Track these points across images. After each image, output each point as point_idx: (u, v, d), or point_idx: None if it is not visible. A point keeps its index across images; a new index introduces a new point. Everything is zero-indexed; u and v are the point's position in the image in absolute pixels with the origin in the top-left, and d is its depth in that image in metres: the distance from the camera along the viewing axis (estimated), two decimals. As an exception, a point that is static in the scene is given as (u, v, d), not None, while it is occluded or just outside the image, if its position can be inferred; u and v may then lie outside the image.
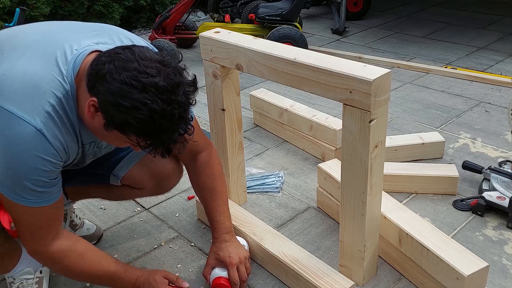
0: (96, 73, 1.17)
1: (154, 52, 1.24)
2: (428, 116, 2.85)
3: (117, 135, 1.21)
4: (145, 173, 1.68)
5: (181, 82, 1.19)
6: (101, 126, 1.20)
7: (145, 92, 1.13)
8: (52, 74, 1.22)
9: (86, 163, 1.50)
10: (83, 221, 1.94)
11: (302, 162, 2.44)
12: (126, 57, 1.16)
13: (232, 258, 1.61)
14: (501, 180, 2.04)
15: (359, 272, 1.65)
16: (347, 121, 1.43)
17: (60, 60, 1.25)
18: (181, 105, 1.18)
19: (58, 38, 1.30)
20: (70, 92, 1.24)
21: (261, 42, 1.66)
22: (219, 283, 1.60)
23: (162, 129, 1.17)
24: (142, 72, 1.14)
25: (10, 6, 3.78)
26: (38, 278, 1.64)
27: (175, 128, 1.20)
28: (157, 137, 1.19)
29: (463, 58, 3.75)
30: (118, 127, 1.18)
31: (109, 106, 1.15)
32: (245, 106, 2.75)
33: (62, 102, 1.23)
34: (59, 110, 1.23)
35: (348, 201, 1.55)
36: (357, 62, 1.43)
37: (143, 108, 1.13)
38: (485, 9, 4.96)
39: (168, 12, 3.79)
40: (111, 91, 1.13)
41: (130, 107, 1.13)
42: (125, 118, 1.14)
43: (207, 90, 1.89)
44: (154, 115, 1.14)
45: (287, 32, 3.60)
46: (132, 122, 1.14)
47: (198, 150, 1.67)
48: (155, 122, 1.15)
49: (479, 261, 1.50)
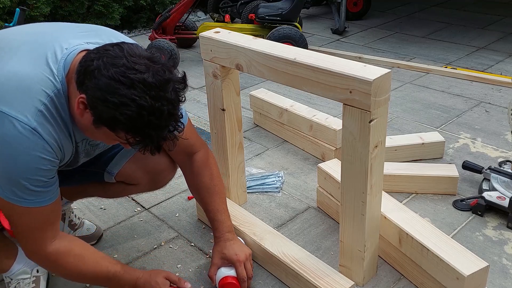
0: (85, 69, 1.17)
1: (143, 49, 1.23)
2: (428, 116, 2.85)
3: (106, 132, 1.21)
4: (139, 169, 1.68)
5: (170, 78, 1.18)
6: (90, 123, 1.20)
7: (133, 88, 1.12)
8: (43, 74, 1.23)
9: (79, 162, 1.50)
10: (82, 221, 1.94)
11: (302, 162, 2.44)
12: (114, 54, 1.16)
13: (239, 255, 1.61)
14: (501, 180, 2.04)
15: (359, 272, 1.65)
16: (347, 121, 1.43)
17: (51, 60, 1.25)
18: (170, 101, 1.17)
19: (48, 39, 1.30)
20: (61, 90, 1.24)
21: (261, 42, 1.66)
22: (228, 282, 1.60)
23: (151, 126, 1.16)
24: (131, 68, 1.14)
25: (10, 6, 3.78)
26: (35, 277, 1.64)
27: (164, 125, 1.19)
28: (146, 133, 1.18)
29: (463, 58, 3.75)
30: (107, 123, 1.17)
31: (97, 102, 1.14)
32: (245, 106, 2.75)
33: (54, 100, 1.23)
34: (51, 108, 1.23)
35: (348, 201, 1.55)
36: (357, 62, 1.43)
37: (131, 104, 1.12)
38: (485, 9, 4.96)
39: (168, 12, 3.79)
40: (99, 87, 1.13)
41: (118, 103, 1.12)
42: (113, 114, 1.13)
43: (207, 90, 1.89)
44: (142, 111, 1.13)
45: (287, 32, 3.60)
46: (120, 119, 1.13)
47: (194, 151, 1.67)
48: (144, 119, 1.14)
49: (479, 261, 1.49)
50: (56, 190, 1.33)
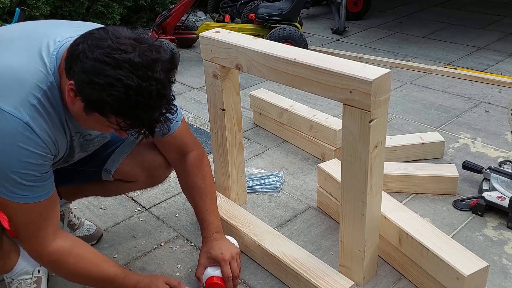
0: (71, 55, 1.16)
1: (130, 30, 1.21)
2: (428, 116, 2.85)
3: (98, 118, 1.19)
4: (136, 166, 1.67)
5: (158, 58, 1.16)
6: (81, 110, 1.19)
7: (119, 68, 1.11)
8: (36, 67, 1.22)
9: (75, 157, 1.48)
10: (82, 221, 1.94)
11: (302, 162, 2.44)
12: (99, 36, 1.15)
13: (224, 254, 1.60)
14: (501, 180, 2.04)
15: (359, 272, 1.65)
16: (347, 121, 1.43)
17: (44, 53, 1.25)
18: (159, 81, 1.15)
19: (41, 33, 1.30)
20: (54, 83, 1.23)
21: (261, 42, 1.66)
22: (213, 282, 1.60)
23: (140, 107, 1.14)
24: (116, 49, 1.12)
25: (10, 6, 3.78)
26: (36, 277, 1.63)
27: (154, 106, 1.17)
28: (136, 115, 1.16)
29: (463, 58, 3.75)
30: (96, 107, 1.16)
31: (84, 85, 1.13)
32: (245, 106, 2.75)
33: (47, 94, 1.23)
34: (45, 102, 1.22)
35: (348, 201, 1.55)
36: (357, 62, 1.43)
37: (118, 84, 1.10)
38: (485, 9, 4.96)
39: (168, 12, 3.78)
40: (85, 69, 1.12)
41: (104, 84, 1.11)
42: (101, 96, 1.12)
43: (207, 90, 1.89)
44: (129, 91, 1.11)
45: (287, 32, 3.60)
46: (108, 100, 1.12)
47: (188, 150, 1.66)
48: (131, 99, 1.12)
49: (479, 261, 1.50)
50: (50, 186, 1.32)
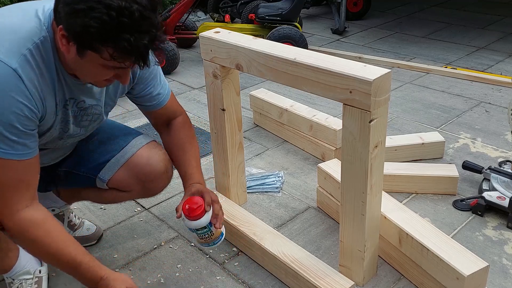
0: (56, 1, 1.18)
1: None
2: (428, 116, 2.85)
3: (92, 58, 1.19)
4: (131, 177, 1.64)
5: None
6: (76, 54, 1.19)
7: None
8: (31, 23, 1.25)
9: (70, 131, 1.46)
10: (82, 221, 1.93)
11: (302, 162, 2.44)
12: None
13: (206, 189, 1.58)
14: (501, 180, 2.04)
15: (359, 272, 1.65)
16: (347, 121, 1.43)
17: (40, 12, 1.27)
18: (140, 3, 1.15)
19: (37, 3, 1.33)
20: (47, 38, 1.25)
21: (261, 42, 1.66)
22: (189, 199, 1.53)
23: (125, 28, 1.13)
24: None
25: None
26: (37, 278, 1.63)
27: (140, 29, 1.16)
28: (123, 39, 1.14)
29: (463, 58, 3.75)
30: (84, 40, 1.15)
31: (68, 18, 1.14)
32: (245, 106, 2.75)
33: (39, 47, 1.24)
34: (36, 55, 1.23)
35: (348, 201, 1.55)
36: (357, 62, 1.43)
37: (98, 6, 1.10)
38: (485, 9, 4.96)
39: (168, 12, 3.78)
40: (66, 2, 1.14)
41: (86, 9, 1.11)
42: (84, 22, 1.11)
43: (207, 90, 1.89)
44: (110, 11, 1.11)
45: (287, 32, 3.60)
46: (92, 24, 1.11)
47: (175, 116, 1.70)
48: (113, 20, 1.11)
49: (479, 261, 1.50)
50: (34, 148, 1.29)
